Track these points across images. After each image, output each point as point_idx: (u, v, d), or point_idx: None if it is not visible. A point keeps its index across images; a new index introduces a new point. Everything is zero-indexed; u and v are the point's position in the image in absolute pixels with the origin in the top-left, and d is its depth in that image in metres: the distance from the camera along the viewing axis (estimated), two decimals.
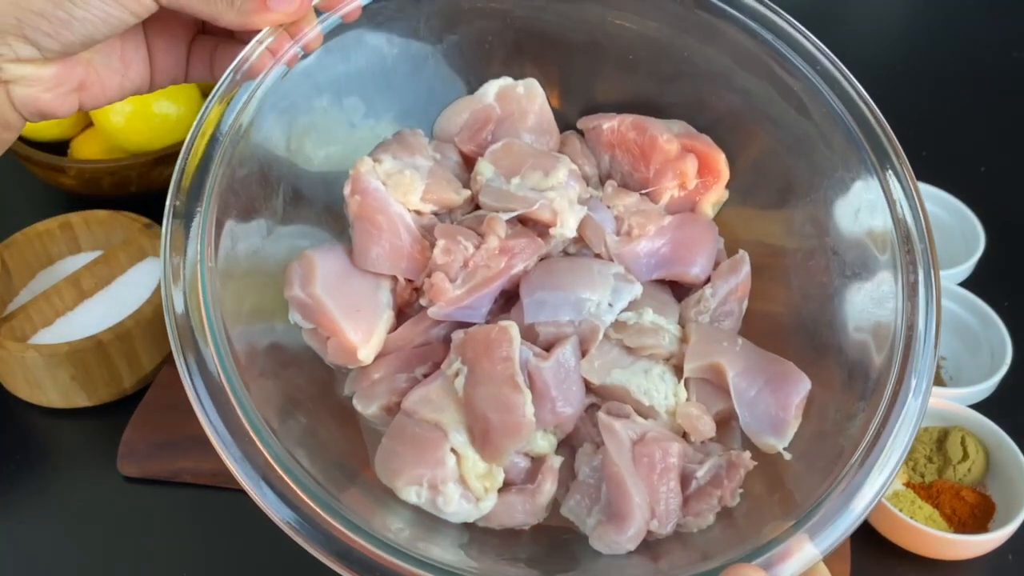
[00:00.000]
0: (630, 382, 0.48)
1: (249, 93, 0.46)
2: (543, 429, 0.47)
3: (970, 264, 0.78)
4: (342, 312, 0.47)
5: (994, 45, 1.15)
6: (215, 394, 0.41)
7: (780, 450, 0.47)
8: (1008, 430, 0.65)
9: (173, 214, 0.43)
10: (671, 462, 0.46)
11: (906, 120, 1.02)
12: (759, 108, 0.53)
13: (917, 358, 0.44)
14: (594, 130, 0.56)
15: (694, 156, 0.54)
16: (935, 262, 0.46)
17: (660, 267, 0.53)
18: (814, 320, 0.50)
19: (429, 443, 0.45)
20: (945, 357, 0.74)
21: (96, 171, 0.80)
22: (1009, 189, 0.93)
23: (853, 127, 0.50)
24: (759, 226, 0.55)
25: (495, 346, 0.46)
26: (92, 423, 0.71)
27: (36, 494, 0.67)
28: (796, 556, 0.39)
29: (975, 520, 0.63)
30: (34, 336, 0.71)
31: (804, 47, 0.51)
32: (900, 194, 0.47)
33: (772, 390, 0.47)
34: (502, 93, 0.55)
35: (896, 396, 0.43)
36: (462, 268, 0.49)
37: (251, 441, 0.40)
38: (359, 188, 0.49)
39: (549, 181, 0.51)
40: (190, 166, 0.44)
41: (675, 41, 0.54)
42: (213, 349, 0.41)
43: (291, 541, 0.65)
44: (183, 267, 0.42)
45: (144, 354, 0.71)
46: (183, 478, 0.67)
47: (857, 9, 1.24)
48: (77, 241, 0.78)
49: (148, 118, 0.81)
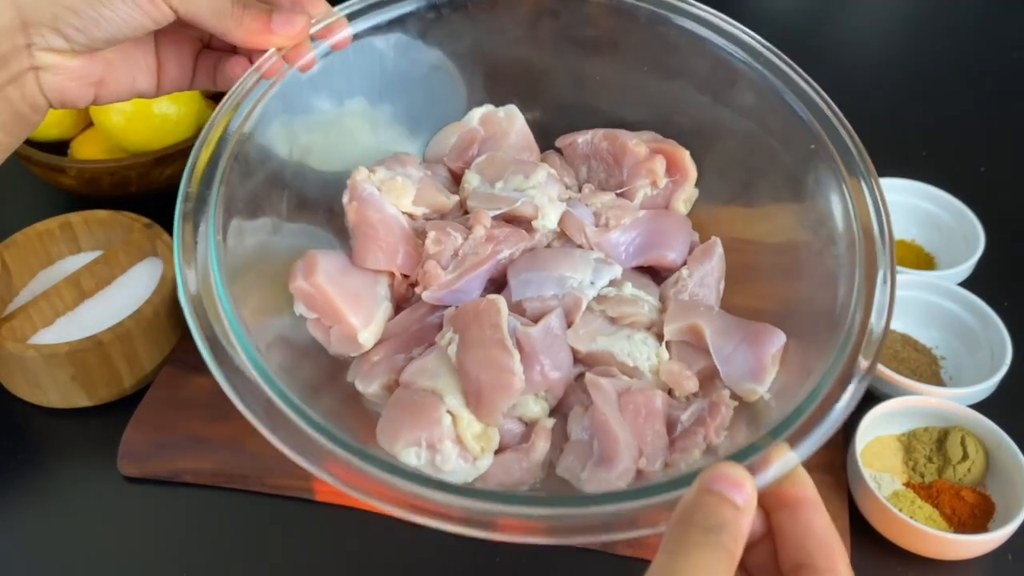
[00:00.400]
0: (614, 347, 0.52)
1: (254, 101, 0.51)
2: (535, 394, 0.50)
3: (970, 264, 0.78)
4: (343, 299, 0.52)
5: (994, 45, 1.15)
6: (229, 368, 0.43)
7: (761, 394, 0.49)
8: (1008, 430, 0.65)
9: (183, 213, 0.47)
10: (655, 406, 0.49)
11: (906, 120, 1.03)
12: (725, 123, 0.58)
13: (877, 304, 0.47)
14: (570, 146, 0.62)
15: (662, 156, 0.59)
16: (892, 253, 0.49)
17: (639, 254, 0.57)
18: (788, 306, 0.54)
19: (426, 407, 0.48)
20: (945, 357, 0.74)
21: (96, 171, 0.80)
22: (1009, 189, 0.93)
23: (820, 133, 0.53)
24: (730, 225, 0.59)
25: (484, 315, 0.49)
26: (92, 423, 0.71)
27: (36, 494, 0.67)
28: (776, 463, 0.39)
29: (975, 520, 0.63)
30: (34, 336, 0.71)
31: (770, 60, 0.56)
32: (865, 193, 0.50)
33: (749, 344, 0.50)
34: (485, 117, 0.61)
35: (864, 328, 0.46)
36: (452, 257, 0.53)
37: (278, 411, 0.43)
38: (356, 195, 0.55)
39: (530, 182, 0.56)
40: (200, 163, 0.49)
41: (642, 63, 0.60)
42: (228, 325, 0.44)
43: (291, 541, 0.65)
44: (195, 253, 0.46)
45: (144, 354, 0.71)
46: (183, 478, 0.67)
47: (857, 9, 1.24)
48: (77, 241, 0.78)
49: (148, 118, 0.81)
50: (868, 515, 0.63)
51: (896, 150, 0.99)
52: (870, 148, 1.02)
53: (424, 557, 0.64)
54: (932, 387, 0.69)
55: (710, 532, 0.34)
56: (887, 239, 0.48)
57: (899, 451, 0.67)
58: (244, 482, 0.67)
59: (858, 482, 0.63)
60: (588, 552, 0.63)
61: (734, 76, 0.56)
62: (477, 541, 0.64)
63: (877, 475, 0.66)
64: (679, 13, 0.57)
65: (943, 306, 0.75)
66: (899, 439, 0.68)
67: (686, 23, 0.57)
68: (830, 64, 1.13)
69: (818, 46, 1.16)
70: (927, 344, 0.75)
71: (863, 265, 0.47)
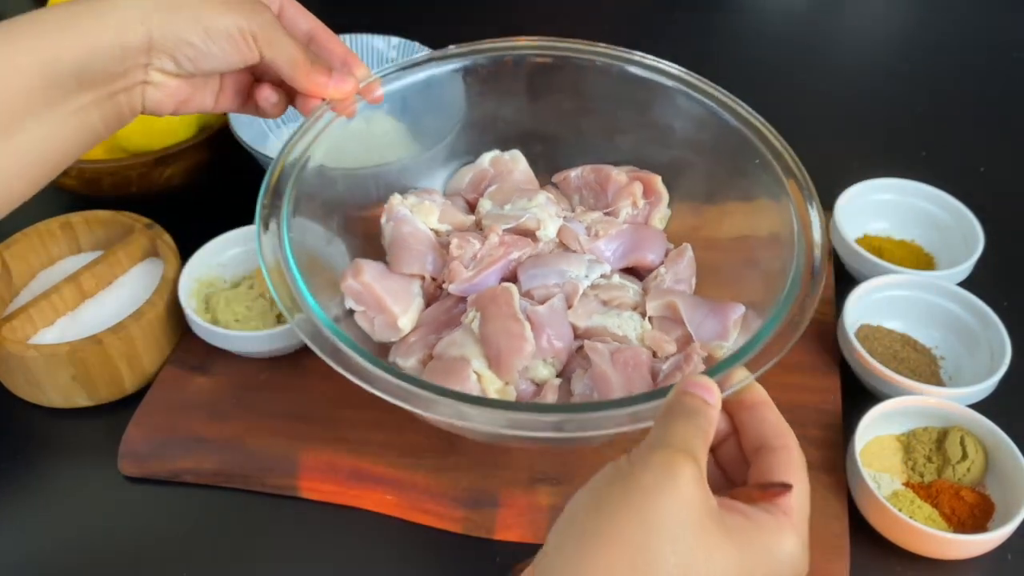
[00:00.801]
0: (607, 322, 0.65)
1: (313, 136, 0.65)
2: (543, 360, 0.62)
3: (969, 264, 0.78)
4: (386, 293, 0.64)
5: (994, 45, 1.15)
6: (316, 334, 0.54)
7: (726, 348, 0.61)
8: (1007, 430, 0.65)
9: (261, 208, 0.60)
10: (642, 360, 0.62)
11: (906, 120, 1.04)
12: (688, 156, 0.71)
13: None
14: (564, 180, 0.75)
15: (640, 182, 0.72)
16: (825, 231, 0.60)
17: (623, 257, 0.69)
18: (746, 284, 0.65)
19: (456, 370, 0.61)
20: (944, 357, 0.75)
21: (96, 171, 0.80)
22: (1009, 189, 0.93)
23: (760, 148, 0.66)
24: (697, 231, 0.72)
25: (500, 297, 0.63)
26: (93, 423, 0.71)
27: (37, 494, 0.67)
28: (736, 380, 0.49)
29: (974, 520, 0.63)
30: (35, 336, 0.72)
31: (719, 98, 0.69)
32: (809, 211, 0.61)
33: (715, 314, 0.63)
34: (494, 159, 0.75)
35: (805, 290, 0.57)
36: (472, 259, 0.66)
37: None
38: (392, 215, 0.69)
39: (532, 203, 0.70)
40: (273, 178, 0.62)
41: (621, 112, 0.73)
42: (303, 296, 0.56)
43: (291, 541, 0.65)
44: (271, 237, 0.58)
45: (145, 354, 0.71)
46: (184, 478, 0.67)
47: (857, 10, 1.24)
48: (78, 241, 0.78)
49: (149, 119, 0.80)
50: (867, 515, 0.64)
51: (896, 150, 0.99)
52: (869, 148, 1.03)
53: (424, 557, 0.64)
54: (931, 387, 0.69)
55: (689, 416, 0.44)
56: (819, 220, 0.60)
57: (898, 451, 0.68)
58: (244, 482, 0.67)
59: (857, 482, 0.63)
60: None
61: (692, 115, 0.70)
62: (477, 541, 0.64)
63: (876, 475, 0.66)
64: (645, 68, 0.71)
65: (942, 306, 0.75)
66: (898, 439, 0.68)
67: (653, 76, 0.71)
68: (830, 64, 1.13)
69: (818, 47, 1.16)
70: (926, 344, 0.75)
71: (802, 244, 0.59)
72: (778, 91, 1.07)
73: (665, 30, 1.16)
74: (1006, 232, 0.84)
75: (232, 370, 0.73)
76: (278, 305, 0.55)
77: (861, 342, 0.72)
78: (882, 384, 0.69)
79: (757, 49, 1.14)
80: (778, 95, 1.06)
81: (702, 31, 1.17)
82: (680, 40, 1.14)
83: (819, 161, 0.96)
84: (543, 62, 0.72)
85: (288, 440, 0.68)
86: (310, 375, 0.72)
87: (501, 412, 0.50)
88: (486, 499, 0.65)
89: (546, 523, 0.64)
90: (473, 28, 0.79)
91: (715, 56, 1.11)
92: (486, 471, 0.66)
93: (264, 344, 0.71)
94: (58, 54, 0.53)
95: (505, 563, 0.63)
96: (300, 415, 0.69)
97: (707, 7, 1.21)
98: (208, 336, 0.71)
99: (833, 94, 1.07)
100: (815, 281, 0.57)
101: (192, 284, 0.74)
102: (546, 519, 0.64)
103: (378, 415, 0.69)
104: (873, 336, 0.74)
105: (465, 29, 0.80)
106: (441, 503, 0.65)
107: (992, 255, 0.79)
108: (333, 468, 0.66)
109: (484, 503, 0.65)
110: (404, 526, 0.65)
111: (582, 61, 0.72)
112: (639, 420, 0.49)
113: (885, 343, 0.74)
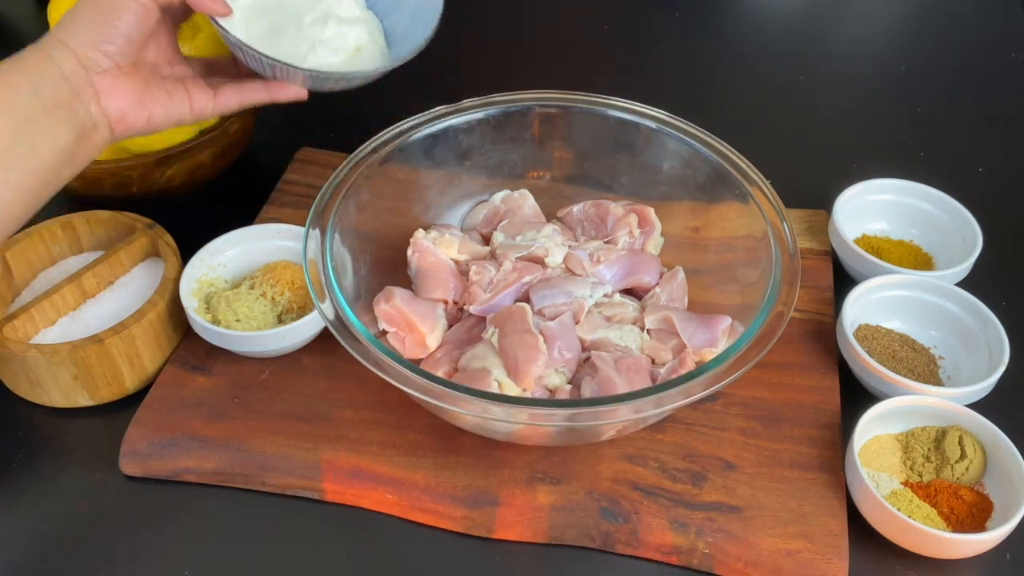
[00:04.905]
0: (610, 335, 0.72)
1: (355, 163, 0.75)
2: (555, 369, 0.69)
3: (968, 264, 0.78)
4: (415, 315, 0.71)
5: (993, 46, 1.16)
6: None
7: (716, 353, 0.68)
8: (1006, 429, 0.65)
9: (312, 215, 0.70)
10: (642, 365, 0.69)
11: (905, 121, 1.04)
12: (673, 191, 0.81)
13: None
14: (567, 214, 0.84)
15: (635, 213, 0.81)
16: (795, 247, 0.70)
17: (623, 279, 0.77)
18: (731, 296, 0.74)
19: (479, 377, 0.67)
20: (943, 357, 0.75)
21: (97, 171, 0.80)
22: (1007, 190, 0.93)
23: (728, 171, 0.76)
24: (686, 257, 0.80)
25: (516, 315, 0.70)
26: (94, 422, 0.71)
27: (38, 493, 0.67)
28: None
29: (973, 519, 0.63)
30: (36, 336, 0.72)
31: (697, 135, 0.78)
32: (783, 227, 0.71)
33: (706, 325, 0.70)
34: (505, 198, 0.84)
35: (785, 295, 0.66)
36: (489, 283, 0.74)
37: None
38: (417, 247, 0.77)
39: (541, 235, 0.79)
40: (325, 193, 0.71)
41: (617, 153, 0.83)
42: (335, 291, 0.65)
43: (291, 540, 0.65)
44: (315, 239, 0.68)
45: (146, 354, 0.71)
46: (184, 477, 0.67)
47: (856, 11, 1.24)
48: (79, 241, 0.78)
49: None
50: (866, 514, 0.64)
51: (895, 150, 0.99)
52: (869, 148, 1.03)
53: (424, 557, 0.64)
54: (930, 387, 0.69)
55: None
56: (790, 232, 0.70)
57: (897, 450, 0.68)
58: (245, 481, 0.67)
59: (856, 481, 0.64)
60: (588, 552, 0.64)
61: (677, 154, 0.79)
62: (477, 540, 0.64)
63: (875, 474, 0.66)
64: (634, 114, 0.80)
65: (941, 306, 0.75)
66: (897, 438, 0.68)
67: (641, 120, 0.80)
68: (830, 65, 1.13)
69: (818, 48, 1.16)
70: (925, 344, 0.75)
71: (778, 256, 0.69)
72: (778, 92, 1.07)
73: (666, 30, 1.16)
74: (1005, 232, 0.84)
75: (232, 370, 0.73)
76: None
77: (860, 342, 0.72)
78: (881, 384, 0.70)
79: (757, 51, 1.14)
80: (778, 96, 1.07)
81: (702, 31, 1.17)
82: (680, 41, 1.14)
83: (819, 161, 0.97)
84: (547, 112, 0.82)
85: (288, 440, 0.68)
86: (310, 375, 0.72)
87: (521, 407, 0.60)
88: (486, 498, 0.65)
89: (546, 522, 0.64)
90: (476, 91, 0.82)
91: (715, 56, 1.11)
92: (486, 471, 0.66)
93: (265, 344, 0.71)
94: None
95: (505, 562, 0.63)
96: (300, 415, 0.70)
97: (708, 7, 1.21)
98: (209, 336, 0.72)
99: (832, 94, 1.07)
100: (790, 291, 0.66)
101: (193, 284, 0.74)
102: (546, 518, 0.64)
103: (378, 415, 0.70)
104: (872, 336, 0.74)
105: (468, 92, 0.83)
106: (441, 502, 0.65)
107: (990, 255, 0.79)
108: (333, 467, 0.67)
109: (484, 502, 0.65)
110: (404, 525, 0.66)
111: (581, 110, 0.82)
112: (639, 411, 0.59)
113: (884, 343, 0.74)
